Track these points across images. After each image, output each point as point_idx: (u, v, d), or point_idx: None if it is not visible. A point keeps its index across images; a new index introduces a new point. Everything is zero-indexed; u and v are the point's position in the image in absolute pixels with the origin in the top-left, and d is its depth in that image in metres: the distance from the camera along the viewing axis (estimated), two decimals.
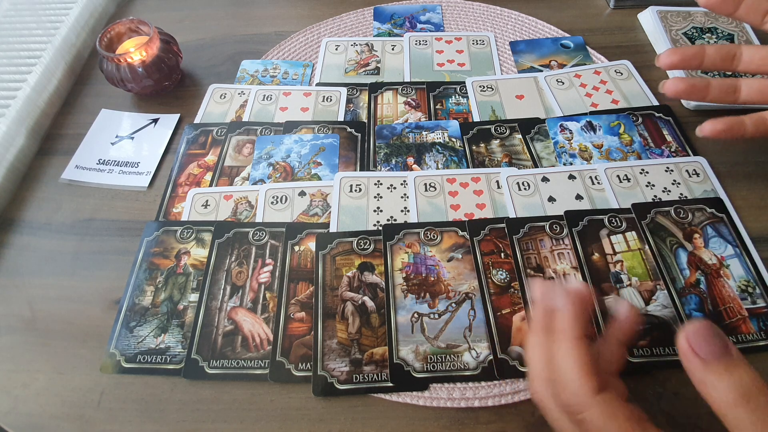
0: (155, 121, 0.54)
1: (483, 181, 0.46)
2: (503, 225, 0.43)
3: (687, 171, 0.46)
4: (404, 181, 0.46)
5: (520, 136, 0.50)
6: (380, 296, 0.40)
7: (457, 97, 0.54)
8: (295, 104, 0.54)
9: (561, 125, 0.50)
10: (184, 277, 0.42)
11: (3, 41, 0.58)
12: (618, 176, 0.46)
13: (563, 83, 0.54)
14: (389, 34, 0.62)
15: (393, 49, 0.60)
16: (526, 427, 0.35)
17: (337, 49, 0.60)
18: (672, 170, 0.46)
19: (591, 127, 0.50)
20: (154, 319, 0.40)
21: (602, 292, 0.39)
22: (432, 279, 0.40)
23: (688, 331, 0.24)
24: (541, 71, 0.56)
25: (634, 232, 0.42)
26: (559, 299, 0.27)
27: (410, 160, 0.48)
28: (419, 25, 0.62)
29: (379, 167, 0.48)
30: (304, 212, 0.45)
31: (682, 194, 0.44)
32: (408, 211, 0.44)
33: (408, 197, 0.45)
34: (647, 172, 0.46)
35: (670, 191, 0.45)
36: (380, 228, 0.43)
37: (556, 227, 0.42)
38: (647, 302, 0.38)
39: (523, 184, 0.45)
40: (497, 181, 0.46)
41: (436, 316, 0.39)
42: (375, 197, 0.45)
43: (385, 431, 0.35)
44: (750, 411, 0.21)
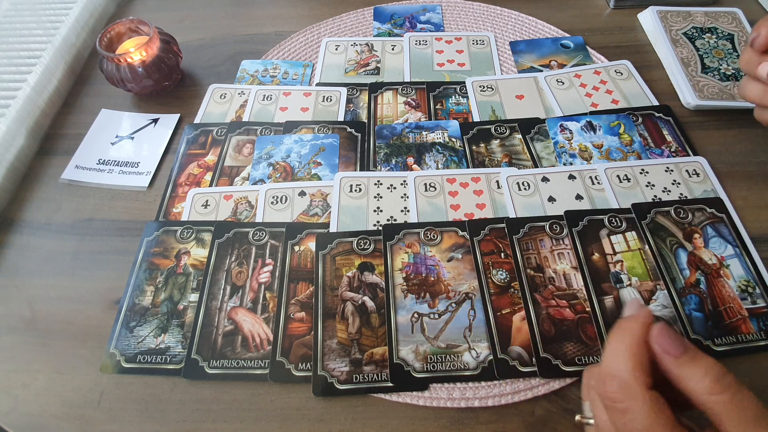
0: (155, 121, 0.54)
1: (483, 181, 0.46)
2: (503, 225, 0.43)
3: (687, 171, 0.46)
4: (404, 181, 0.46)
5: (520, 136, 0.50)
6: (380, 296, 0.40)
7: (457, 97, 0.54)
8: (295, 104, 0.54)
9: (561, 125, 0.50)
10: (184, 277, 0.42)
11: (3, 41, 0.58)
12: (618, 176, 0.46)
13: (563, 83, 0.54)
14: (389, 34, 0.62)
15: (393, 49, 0.59)
16: (526, 427, 0.35)
17: (337, 49, 0.60)
18: (672, 170, 0.46)
19: (591, 127, 0.50)
20: (154, 319, 0.40)
21: (602, 292, 0.39)
22: (432, 279, 0.40)
23: (654, 335, 0.25)
24: (541, 71, 0.56)
25: (634, 232, 0.42)
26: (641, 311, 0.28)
27: (410, 160, 0.48)
28: (419, 25, 0.62)
29: (379, 167, 0.48)
30: (304, 212, 0.45)
31: (682, 194, 0.44)
32: (408, 211, 0.44)
33: (408, 197, 0.45)
34: (647, 172, 0.46)
35: (670, 191, 0.45)
36: (380, 228, 0.43)
37: (556, 227, 0.42)
38: (647, 302, 0.38)
39: (523, 184, 0.45)
40: (497, 181, 0.46)
41: (436, 316, 0.39)
42: (375, 197, 0.45)
43: (385, 431, 0.35)
44: (723, 391, 0.23)
